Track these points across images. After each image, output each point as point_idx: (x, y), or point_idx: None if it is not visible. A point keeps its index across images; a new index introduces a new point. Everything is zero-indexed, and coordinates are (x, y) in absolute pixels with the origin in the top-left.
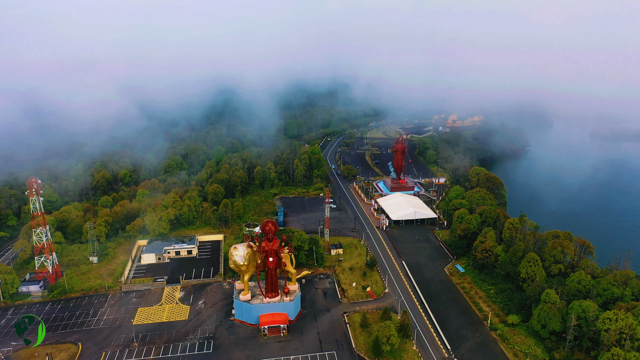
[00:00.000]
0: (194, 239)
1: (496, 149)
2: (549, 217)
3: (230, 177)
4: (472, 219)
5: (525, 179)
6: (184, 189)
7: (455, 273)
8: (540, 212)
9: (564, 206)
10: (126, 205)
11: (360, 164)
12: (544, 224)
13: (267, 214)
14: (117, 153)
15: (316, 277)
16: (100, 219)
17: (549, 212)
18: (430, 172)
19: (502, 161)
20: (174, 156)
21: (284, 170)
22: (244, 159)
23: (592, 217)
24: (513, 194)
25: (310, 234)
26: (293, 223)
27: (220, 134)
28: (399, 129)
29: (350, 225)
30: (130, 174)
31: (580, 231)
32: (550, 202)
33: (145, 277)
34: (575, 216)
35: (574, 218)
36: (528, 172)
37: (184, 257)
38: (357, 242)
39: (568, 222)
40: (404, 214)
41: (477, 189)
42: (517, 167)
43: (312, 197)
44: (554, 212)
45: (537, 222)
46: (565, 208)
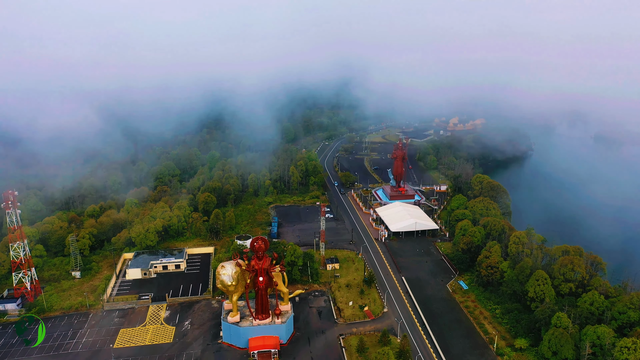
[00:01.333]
0: (182, 252)
1: (498, 153)
2: (554, 227)
3: (222, 185)
4: (475, 231)
5: (529, 185)
6: (175, 197)
7: (458, 290)
8: (545, 221)
9: (570, 215)
10: (112, 216)
11: (358, 170)
12: (551, 236)
13: (261, 224)
14: (107, 159)
15: (311, 294)
16: (85, 231)
17: (555, 221)
18: (431, 178)
19: (504, 166)
20: (167, 162)
21: (279, 177)
22: (239, 165)
23: (599, 227)
24: (517, 201)
25: (306, 247)
26: (287, 234)
27: (215, 137)
28: (399, 133)
29: (347, 237)
30: (120, 181)
31: (588, 243)
32: (556, 211)
33: (129, 294)
34: (582, 226)
35: (580, 228)
36: (532, 178)
37: (172, 272)
38: (354, 256)
39: (575, 232)
40: (404, 225)
41: (481, 198)
42: (521, 173)
43: (308, 205)
44: (560, 221)
45: (542, 232)
46: (572, 217)
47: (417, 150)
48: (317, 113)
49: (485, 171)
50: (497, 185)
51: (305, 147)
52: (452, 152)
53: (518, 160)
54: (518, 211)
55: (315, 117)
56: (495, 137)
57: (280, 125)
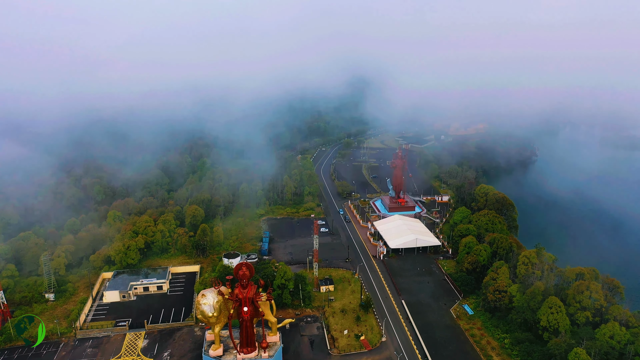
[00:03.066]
0: (165, 271)
1: (501, 159)
2: (562, 241)
3: (212, 197)
4: (481, 249)
5: (534, 194)
6: (160, 209)
7: (463, 316)
8: (552, 234)
9: (578, 227)
10: (93, 231)
11: (356, 177)
12: (559, 250)
13: (251, 239)
14: (92, 166)
15: (303, 319)
16: (61, 248)
17: (563, 235)
18: (432, 188)
19: (508, 173)
20: (155, 170)
21: (272, 187)
22: (230, 173)
23: (610, 241)
24: (521, 212)
25: (298, 265)
26: (279, 251)
27: (207, 143)
28: (398, 138)
29: (343, 253)
30: (105, 190)
31: (601, 261)
32: (563, 223)
33: (106, 319)
34: (592, 240)
35: (591, 242)
36: (537, 186)
37: (154, 294)
38: (350, 276)
39: (585, 247)
40: (404, 242)
41: (485, 211)
42: (525, 180)
43: (302, 218)
44: (569, 234)
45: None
46: (581, 230)
47: (417, 156)
48: (314, 117)
49: (488, 179)
50: (503, 197)
51: (301, 154)
52: (453, 158)
53: (522, 166)
54: (523, 223)
55: (312, 121)
56: (498, 142)
57: (276, 131)
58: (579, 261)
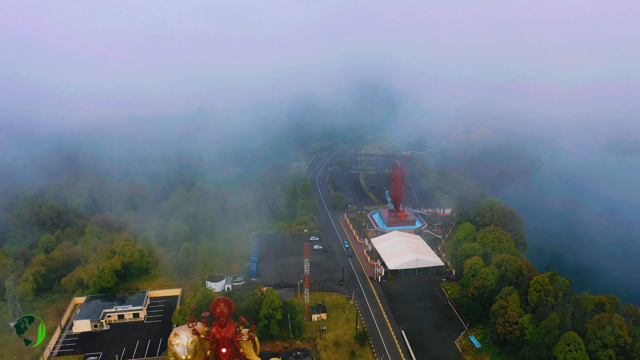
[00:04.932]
0: (143, 295)
1: (505, 166)
2: (572, 257)
3: (198, 210)
4: (488, 273)
5: (540, 205)
6: (142, 225)
7: (469, 349)
8: (561, 249)
9: (589, 242)
10: (67, 250)
11: (353, 187)
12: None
13: (239, 258)
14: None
15: (292, 353)
16: (30, 271)
17: (573, 250)
18: (433, 199)
19: (511, 181)
20: (139, 180)
21: (264, 199)
22: (219, 184)
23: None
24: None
25: (289, 289)
26: (269, 272)
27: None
28: (397, 145)
29: (337, 275)
30: (86, 203)
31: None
32: (573, 237)
33: (74, 353)
34: (605, 257)
35: (603, 260)
36: (542, 196)
37: (129, 322)
38: (345, 302)
39: (597, 264)
40: (404, 262)
41: (492, 227)
42: (529, 189)
43: (295, 233)
44: (580, 251)
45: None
46: (591, 245)
47: (417, 164)
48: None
49: (491, 188)
50: (510, 211)
51: (296, 161)
52: (455, 166)
53: (526, 173)
54: (529, 237)
55: (309, 126)
56: (501, 147)
57: (269, 136)
58: (591, 281)
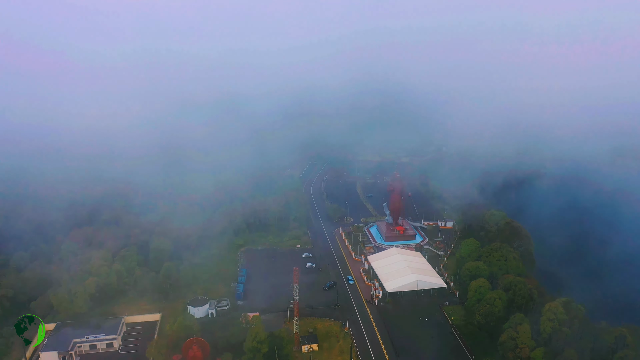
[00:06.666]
0: (118, 322)
1: (508, 172)
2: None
3: (182, 224)
4: (495, 298)
5: (545, 217)
6: (123, 241)
7: None
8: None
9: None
10: (39, 269)
11: (349, 197)
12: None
13: (225, 278)
14: None
15: None
16: None
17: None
18: (434, 210)
19: (514, 188)
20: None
21: (254, 212)
22: (208, 196)
23: None
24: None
25: (278, 314)
26: (257, 294)
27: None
28: (396, 151)
29: (331, 298)
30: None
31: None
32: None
33: None
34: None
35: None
36: (546, 207)
37: (102, 353)
38: (339, 330)
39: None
40: (403, 284)
41: (498, 244)
42: (532, 199)
43: (286, 249)
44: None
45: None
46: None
47: (416, 171)
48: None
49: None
50: (517, 226)
51: (290, 169)
52: (456, 174)
53: (529, 181)
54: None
55: (305, 130)
56: (503, 152)
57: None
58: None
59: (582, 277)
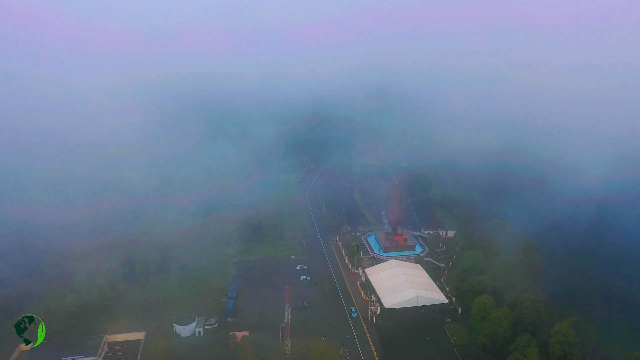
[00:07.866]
0: (99, 342)
1: (510, 178)
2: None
3: (172, 232)
4: (501, 317)
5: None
6: (109, 254)
7: None
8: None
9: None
10: (20, 285)
11: (346, 203)
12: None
13: (215, 292)
14: None
15: None
16: None
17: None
18: (434, 219)
19: (516, 194)
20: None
21: (247, 220)
22: (199, 204)
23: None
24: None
25: (269, 332)
26: (248, 309)
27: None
28: (395, 154)
29: (326, 315)
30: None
31: None
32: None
33: None
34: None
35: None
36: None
37: None
38: (334, 350)
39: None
40: (402, 300)
41: (502, 257)
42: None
43: (281, 259)
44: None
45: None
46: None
47: (416, 176)
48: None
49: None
50: (523, 237)
51: (286, 172)
52: (457, 179)
53: (532, 186)
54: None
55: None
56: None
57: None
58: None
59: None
